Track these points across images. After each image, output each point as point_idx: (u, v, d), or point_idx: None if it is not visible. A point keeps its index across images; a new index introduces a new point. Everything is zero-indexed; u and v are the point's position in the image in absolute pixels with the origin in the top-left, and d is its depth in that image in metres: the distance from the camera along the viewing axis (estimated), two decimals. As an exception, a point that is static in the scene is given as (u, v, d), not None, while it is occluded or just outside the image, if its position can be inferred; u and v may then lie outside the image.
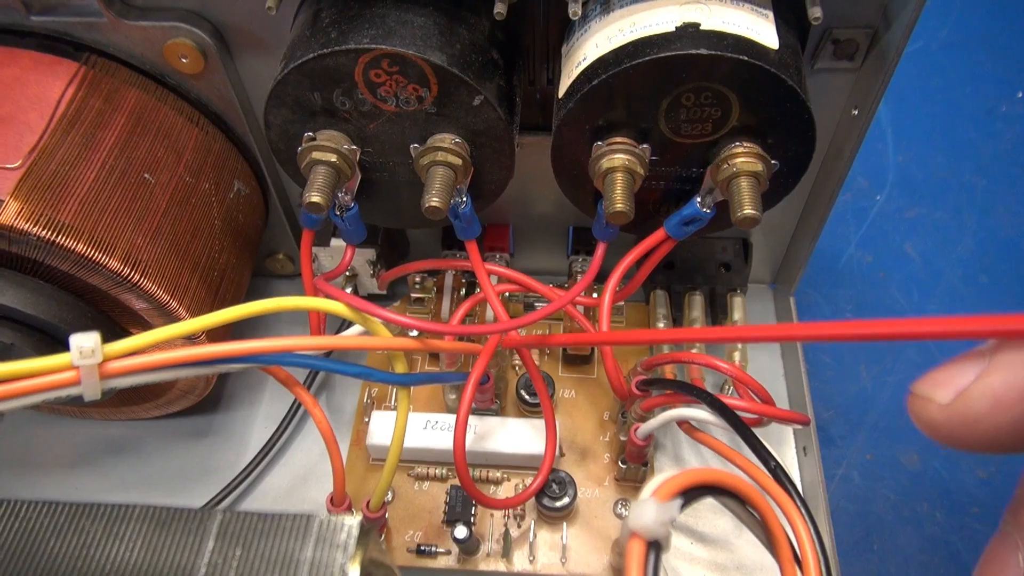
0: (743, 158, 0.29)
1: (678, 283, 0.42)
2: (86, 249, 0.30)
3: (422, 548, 0.36)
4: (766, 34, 0.27)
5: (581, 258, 0.41)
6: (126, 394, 0.39)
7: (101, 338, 0.22)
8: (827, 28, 0.31)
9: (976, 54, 0.62)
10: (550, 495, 0.36)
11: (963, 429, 0.18)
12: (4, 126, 0.31)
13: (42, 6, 0.33)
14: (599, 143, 0.30)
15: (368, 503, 0.33)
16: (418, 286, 0.43)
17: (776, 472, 0.27)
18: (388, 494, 0.38)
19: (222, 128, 0.37)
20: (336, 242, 0.40)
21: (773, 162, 0.29)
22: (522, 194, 0.40)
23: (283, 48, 0.30)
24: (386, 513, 0.36)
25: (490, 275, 0.35)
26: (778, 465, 0.27)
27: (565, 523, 0.37)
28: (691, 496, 0.22)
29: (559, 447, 0.38)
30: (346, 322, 0.30)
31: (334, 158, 0.29)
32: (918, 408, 0.19)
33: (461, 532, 0.34)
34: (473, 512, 0.36)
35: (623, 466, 0.37)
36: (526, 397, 0.39)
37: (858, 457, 0.43)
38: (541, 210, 0.41)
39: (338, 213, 0.32)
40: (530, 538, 0.37)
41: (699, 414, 0.31)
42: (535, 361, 0.37)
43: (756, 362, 0.42)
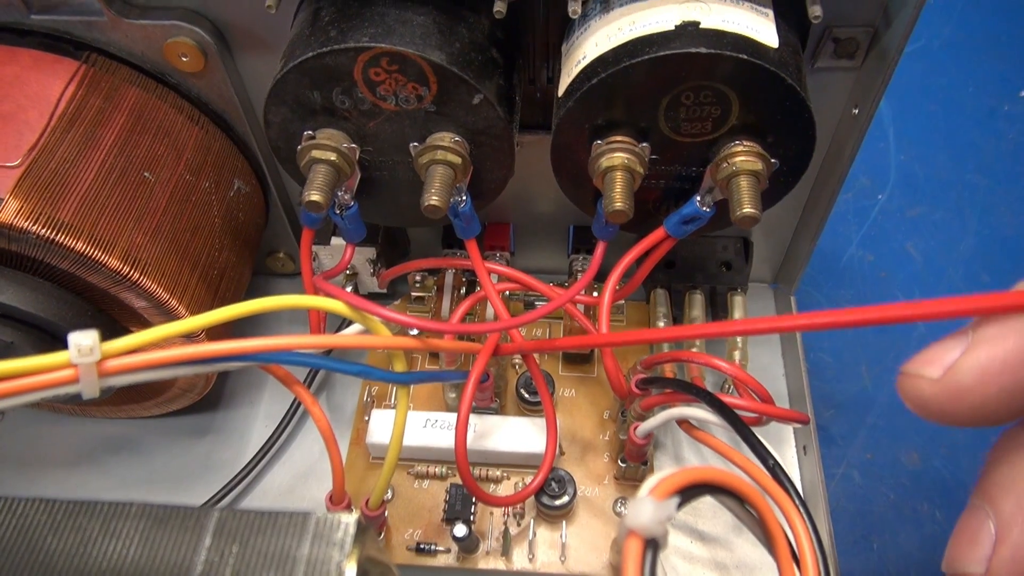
0: (743, 157, 0.29)
1: (679, 282, 0.42)
2: (86, 247, 0.30)
3: (422, 546, 0.36)
4: (766, 33, 0.27)
5: (582, 257, 0.41)
6: (126, 392, 0.39)
7: (100, 336, 0.22)
8: (827, 27, 0.31)
9: (979, 53, 0.61)
10: (550, 493, 0.36)
11: (953, 402, 0.18)
12: (4, 124, 0.31)
13: (42, 5, 0.33)
14: (598, 142, 0.30)
15: (368, 501, 0.33)
16: (418, 285, 0.43)
17: (774, 470, 0.27)
18: (388, 492, 0.38)
19: (222, 127, 0.37)
20: (336, 241, 0.40)
21: (773, 161, 0.29)
22: (523, 193, 0.40)
23: (283, 47, 0.30)
24: (386, 511, 0.36)
25: (490, 274, 0.35)
26: (776, 464, 0.27)
27: (564, 521, 0.37)
28: (689, 495, 0.22)
29: (559, 446, 0.38)
30: (347, 321, 0.30)
31: (334, 156, 0.29)
32: (908, 386, 0.19)
33: (461, 530, 0.34)
34: (473, 510, 0.36)
35: (623, 465, 0.37)
36: (526, 396, 0.39)
37: (858, 456, 0.43)
38: (542, 209, 0.41)
39: (338, 212, 0.32)
40: (529, 536, 0.37)
41: (698, 413, 0.31)
42: (535, 360, 0.37)
43: (756, 361, 0.42)
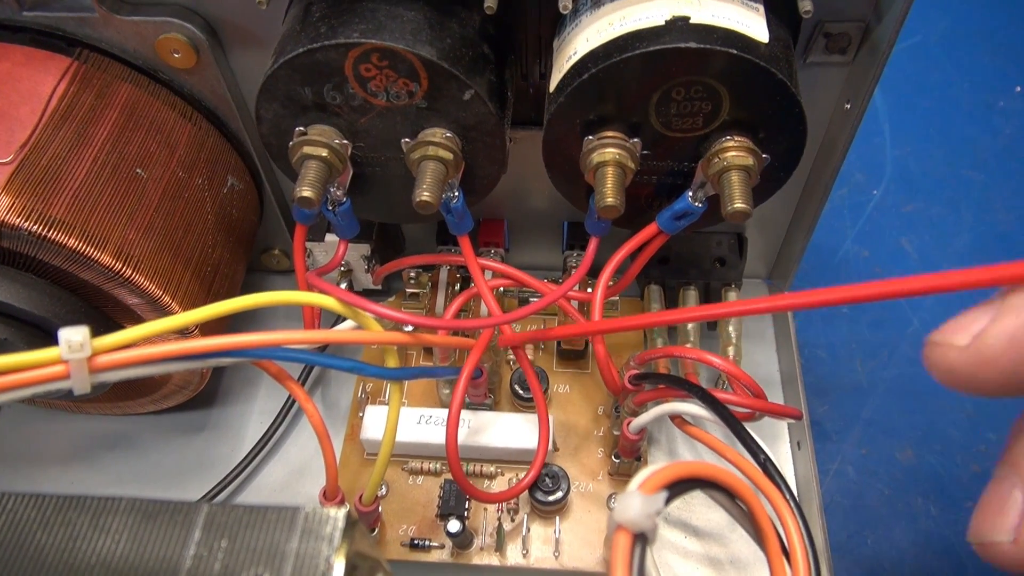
0: (734, 152, 0.29)
1: (672, 278, 0.42)
2: (78, 244, 0.30)
3: (416, 542, 0.37)
4: (756, 27, 0.27)
5: (576, 253, 0.41)
6: (122, 389, 0.39)
7: (91, 332, 0.22)
8: (818, 22, 0.31)
9: (974, 48, 0.61)
10: (543, 489, 0.36)
11: (981, 370, 0.18)
12: (-4, 121, 0.31)
13: (34, 1, 0.33)
14: (590, 137, 0.30)
15: (361, 497, 0.34)
16: (412, 281, 0.44)
17: (765, 465, 0.27)
18: (382, 488, 0.38)
19: (215, 123, 0.37)
20: (330, 237, 0.40)
21: (764, 156, 0.29)
22: (516, 189, 0.40)
23: (275, 43, 0.30)
24: (380, 507, 0.36)
25: (484, 270, 0.35)
26: (767, 458, 0.27)
27: (558, 517, 0.37)
28: (677, 489, 0.22)
29: (552, 441, 0.38)
30: (341, 317, 0.30)
31: (325, 152, 0.29)
32: (936, 356, 0.19)
33: (454, 526, 0.34)
34: (467, 506, 0.36)
35: (616, 460, 0.37)
36: (520, 392, 0.39)
37: (853, 452, 0.43)
38: (536, 205, 0.41)
39: (330, 208, 0.32)
40: (523, 532, 0.37)
41: (691, 408, 0.31)
42: (529, 356, 0.37)
43: (750, 357, 0.42)
